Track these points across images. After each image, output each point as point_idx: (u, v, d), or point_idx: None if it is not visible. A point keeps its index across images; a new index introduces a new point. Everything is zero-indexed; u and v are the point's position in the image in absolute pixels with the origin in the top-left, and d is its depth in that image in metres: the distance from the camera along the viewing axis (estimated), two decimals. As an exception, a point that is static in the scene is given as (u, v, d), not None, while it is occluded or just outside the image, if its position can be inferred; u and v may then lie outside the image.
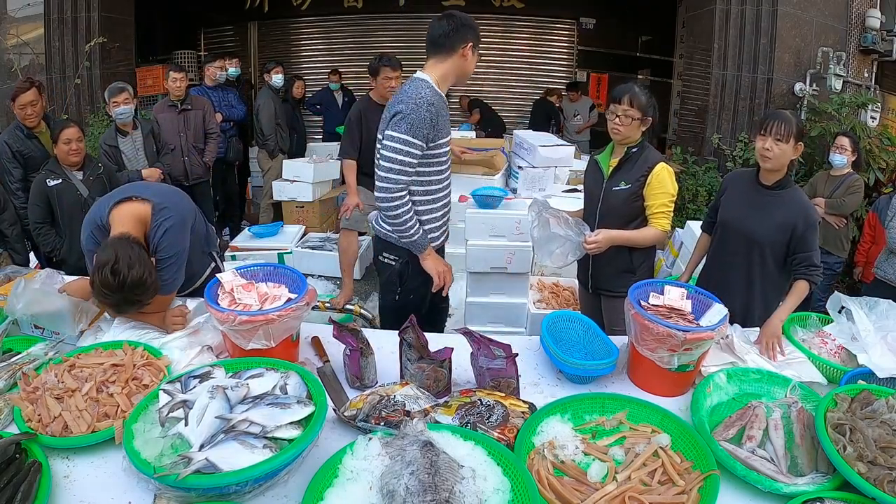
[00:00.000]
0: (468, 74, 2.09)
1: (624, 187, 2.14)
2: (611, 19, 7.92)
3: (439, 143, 2.04)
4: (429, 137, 1.97)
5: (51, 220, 3.07)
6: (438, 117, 1.98)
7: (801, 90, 5.10)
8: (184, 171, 4.46)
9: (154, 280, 1.61)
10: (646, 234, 2.16)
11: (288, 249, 4.47)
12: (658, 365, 1.54)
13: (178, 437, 1.21)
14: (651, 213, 2.14)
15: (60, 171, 3.07)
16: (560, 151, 3.78)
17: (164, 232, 1.76)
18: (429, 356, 1.54)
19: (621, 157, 2.16)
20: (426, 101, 1.94)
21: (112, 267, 1.52)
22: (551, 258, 2.13)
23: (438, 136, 2.02)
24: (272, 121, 5.19)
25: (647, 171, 2.10)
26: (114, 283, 1.52)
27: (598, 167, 2.25)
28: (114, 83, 3.87)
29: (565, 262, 2.14)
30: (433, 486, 1.04)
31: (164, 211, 1.78)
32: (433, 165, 2.06)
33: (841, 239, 3.83)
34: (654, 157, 2.14)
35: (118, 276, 1.51)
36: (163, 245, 1.77)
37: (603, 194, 2.19)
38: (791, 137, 1.94)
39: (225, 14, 8.44)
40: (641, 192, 2.12)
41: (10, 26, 5.83)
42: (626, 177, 2.14)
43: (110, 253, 1.54)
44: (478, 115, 7.27)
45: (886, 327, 1.70)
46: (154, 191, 1.88)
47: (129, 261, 1.53)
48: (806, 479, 1.24)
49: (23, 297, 1.67)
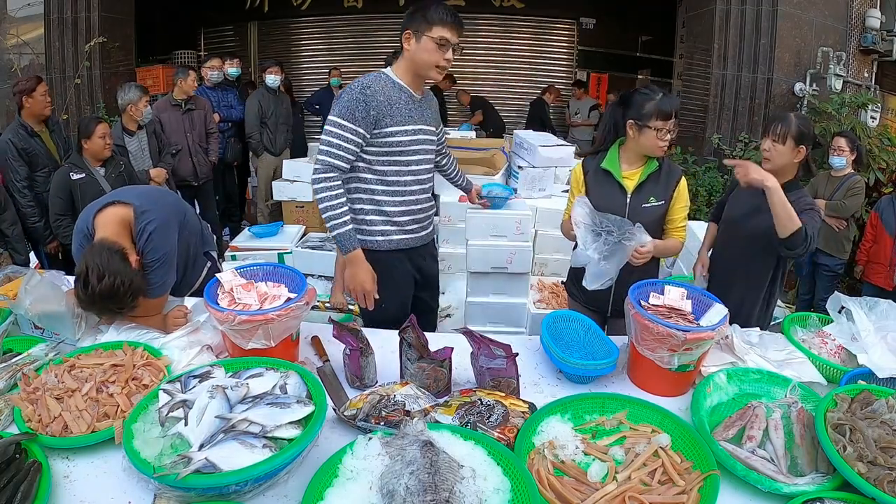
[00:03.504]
0: (423, 64, 1.90)
1: (656, 204, 1.99)
2: (611, 19, 7.94)
3: (391, 132, 1.92)
4: (367, 122, 1.87)
5: (71, 213, 3.11)
6: (378, 102, 1.87)
7: (801, 90, 5.10)
8: (193, 170, 4.48)
9: (130, 286, 1.57)
10: (670, 246, 2.05)
11: (288, 249, 4.47)
12: (658, 365, 1.54)
13: (177, 437, 1.20)
14: (675, 226, 2.04)
15: (84, 165, 3.13)
16: (560, 151, 3.78)
17: (149, 235, 1.75)
18: (429, 356, 1.54)
19: (643, 170, 1.99)
20: (360, 84, 1.89)
21: (83, 280, 1.53)
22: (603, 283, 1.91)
23: (387, 123, 1.90)
24: (256, 119, 5.16)
25: (676, 185, 2.01)
26: (85, 296, 1.54)
27: (610, 178, 2.02)
28: (129, 84, 3.87)
29: (612, 282, 1.94)
30: (433, 485, 1.04)
31: (146, 214, 1.77)
32: (388, 156, 1.95)
33: (841, 241, 3.83)
34: (676, 169, 2.05)
35: (88, 288, 1.52)
36: (148, 248, 1.76)
37: (629, 211, 1.99)
38: (788, 138, 1.92)
39: (225, 14, 8.45)
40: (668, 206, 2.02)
41: (10, 26, 5.83)
42: (656, 193, 1.99)
43: (81, 265, 1.55)
44: (480, 116, 7.27)
45: (886, 327, 1.70)
46: (136, 193, 1.87)
47: (99, 271, 1.52)
48: (806, 479, 1.24)
49: (32, 292, 1.67)
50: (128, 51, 6.21)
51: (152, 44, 7.23)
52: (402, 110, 1.94)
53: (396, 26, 2.07)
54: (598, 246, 1.91)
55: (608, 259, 1.89)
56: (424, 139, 2.03)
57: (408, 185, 2.02)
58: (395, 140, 1.94)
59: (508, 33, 8.22)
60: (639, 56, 8.10)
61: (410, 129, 1.96)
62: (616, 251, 1.87)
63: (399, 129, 1.94)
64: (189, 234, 1.99)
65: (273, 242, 4.57)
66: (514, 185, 3.80)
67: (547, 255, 3.64)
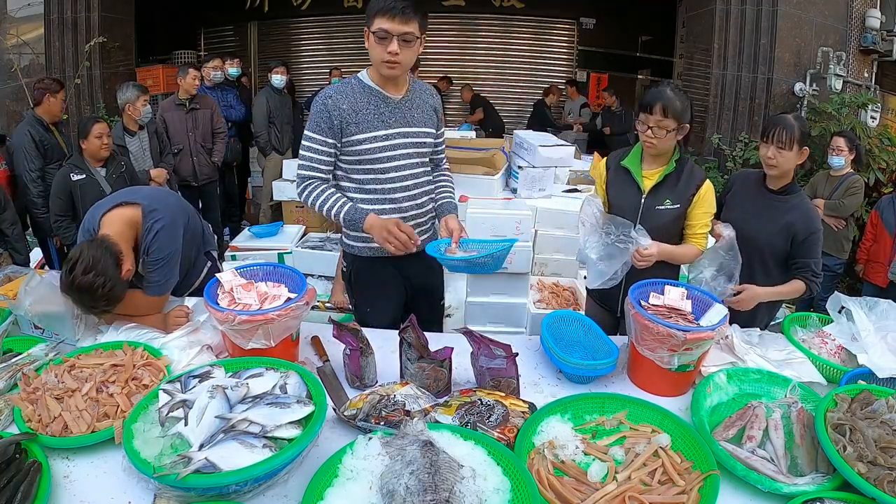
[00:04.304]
0: (374, 61, 1.78)
1: (671, 207, 1.93)
2: (611, 19, 7.94)
3: (358, 140, 1.81)
4: (333, 131, 1.80)
5: (72, 214, 3.11)
6: (340, 111, 1.78)
7: (801, 90, 5.11)
8: (192, 171, 4.46)
9: (109, 290, 1.57)
10: (686, 252, 1.95)
11: (288, 249, 4.47)
12: (658, 365, 1.54)
13: (177, 437, 1.20)
14: (693, 231, 1.96)
15: (84, 166, 3.12)
16: (560, 151, 3.77)
17: (155, 234, 1.76)
18: (429, 356, 1.54)
19: (663, 170, 1.93)
20: (324, 93, 1.83)
21: (70, 266, 1.54)
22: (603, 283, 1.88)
23: (352, 131, 1.80)
24: (264, 118, 5.18)
25: (696, 189, 1.92)
26: (64, 282, 1.55)
27: (629, 177, 1.98)
28: (127, 84, 3.88)
29: (615, 282, 1.90)
30: (433, 485, 1.04)
31: (154, 213, 1.78)
32: (360, 164, 1.85)
33: (840, 240, 3.83)
34: (699, 172, 1.96)
35: (70, 275, 1.53)
36: (154, 246, 1.76)
37: (642, 211, 1.95)
38: (794, 143, 1.90)
39: (225, 14, 8.46)
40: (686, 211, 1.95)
41: (10, 26, 5.82)
42: (673, 195, 1.92)
43: (76, 252, 1.57)
44: (481, 115, 7.27)
45: (886, 327, 1.70)
46: (144, 194, 1.88)
47: (88, 264, 1.53)
48: (806, 479, 1.24)
49: (32, 293, 1.67)
50: (128, 51, 6.21)
51: (152, 44, 7.24)
52: (368, 116, 1.82)
53: (396, 26, 2.03)
54: (595, 247, 1.91)
55: (606, 260, 1.89)
56: (404, 143, 1.87)
57: (388, 192, 1.89)
58: (364, 148, 1.83)
59: (508, 33, 8.23)
60: (639, 56, 8.11)
61: (381, 134, 1.83)
62: (614, 253, 1.86)
63: (366, 136, 1.82)
64: (192, 235, 1.99)
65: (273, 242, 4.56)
66: (514, 185, 3.80)
67: (547, 255, 3.64)
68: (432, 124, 1.96)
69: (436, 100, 2.01)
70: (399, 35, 1.70)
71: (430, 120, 1.96)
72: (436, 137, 1.99)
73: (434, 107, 1.99)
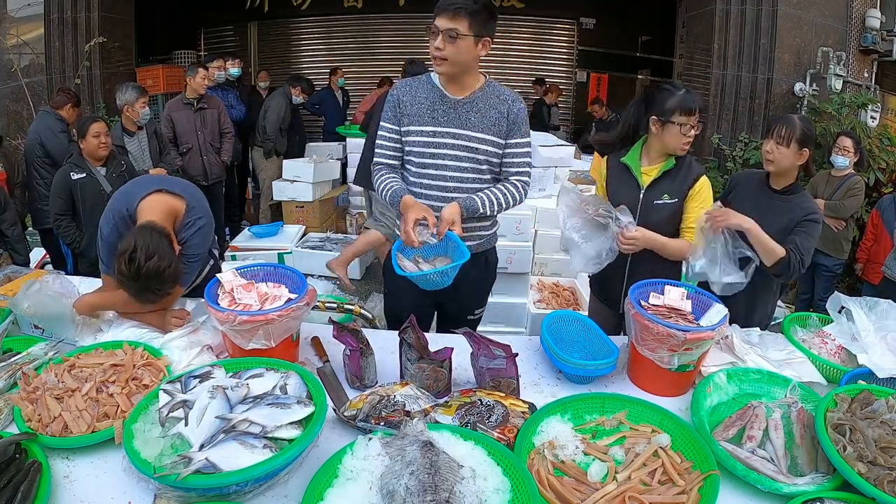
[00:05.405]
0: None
1: (668, 201, 1.94)
2: (611, 19, 7.95)
3: (408, 132, 1.90)
4: (396, 119, 1.92)
5: (72, 213, 3.11)
6: (401, 102, 1.90)
7: (801, 90, 5.11)
8: (202, 170, 4.45)
9: (174, 271, 1.59)
10: (677, 246, 1.95)
11: (288, 249, 4.48)
12: (658, 365, 1.54)
13: (178, 437, 1.20)
14: (687, 225, 1.96)
15: (84, 165, 3.11)
16: (560, 151, 3.77)
17: (197, 230, 1.81)
18: (429, 356, 1.54)
19: (662, 166, 1.95)
20: (397, 84, 1.99)
21: (129, 255, 1.52)
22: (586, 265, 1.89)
23: (405, 122, 1.90)
24: (277, 124, 5.24)
25: (692, 183, 1.94)
26: (128, 271, 1.53)
27: (628, 173, 2.01)
28: (127, 84, 3.88)
29: (601, 266, 1.91)
30: (433, 486, 1.04)
31: (195, 210, 1.83)
32: (409, 155, 1.93)
33: (840, 241, 3.83)
34: (697, 167, 1.98)
35: (134, 264, 1.52)
36: (192, 242, 1.80)
37: (641, 207, 1.97)
38: (792, 141, 1.90)
39: (225, 14, 8.46)
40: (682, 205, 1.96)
41: (10, 26, 5.82)
42: (671, 189, 1.95)
43: (129, 241, 1.55)
44: None
45: (886, 327, 1.70)
46: (181, 187, 1.90)
47: (148, 250, 1.53)
48: (806, 479, 1.24)
49: (31, 298, 1.67)
50: (128, 51, 6.21)
51: (152, 44, 7.24)
52: (421, 111, 1.87)
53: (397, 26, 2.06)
54: (576, 227, 1.92)
55: (589, 240, 1.90)
56: (453, 143, 1.86)
57: (426, 188, 1.91)
58: (411, 139, 1.90)
59: (508, 33, 8.22)
60: (639, 56, 8.11)
61: (428, 130, 1.87)
62: (596, 232, 1.87)
63: (415, 129, 1.88)
64: None
65: (273, 242, 4.58)
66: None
67: (547, 255, 3.64)
68: (496, 132, 1.87)
69: (511, 108, 1.88)
70: (444, 31, 1.72)
71: (494, 127, 1.87)
72: (500, 147, 1.89)
73: (506, 115, 1.87)
